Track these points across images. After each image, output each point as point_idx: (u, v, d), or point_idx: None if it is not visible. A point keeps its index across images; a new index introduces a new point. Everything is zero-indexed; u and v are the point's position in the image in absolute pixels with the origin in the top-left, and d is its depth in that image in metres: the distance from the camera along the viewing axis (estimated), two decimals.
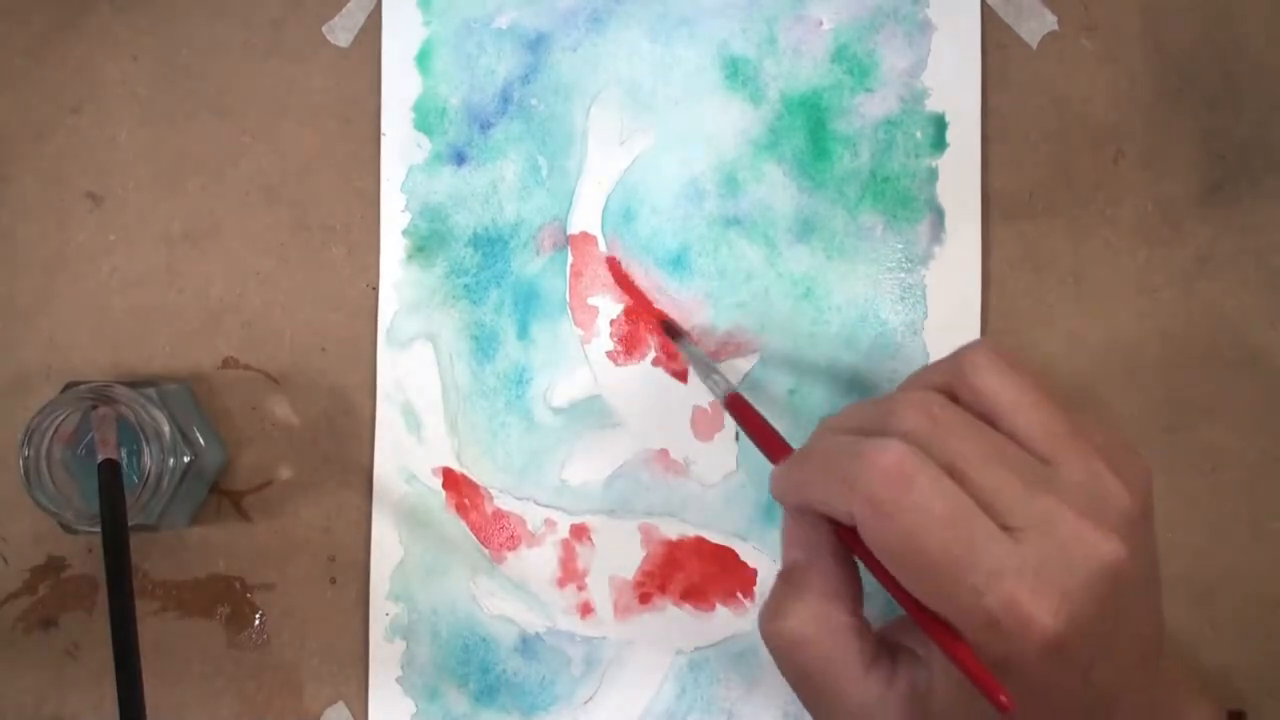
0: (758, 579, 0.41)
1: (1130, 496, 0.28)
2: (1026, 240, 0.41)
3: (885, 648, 0.31)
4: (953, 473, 0.28)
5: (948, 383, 0.30)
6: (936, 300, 0.41)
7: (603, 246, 0.41)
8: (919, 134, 0.41)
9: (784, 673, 0.31)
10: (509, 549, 0.41)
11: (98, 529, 0.34)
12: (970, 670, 0.27)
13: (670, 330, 0.41)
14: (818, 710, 0.31)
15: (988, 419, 0.29)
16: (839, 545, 0.31)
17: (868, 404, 0.31)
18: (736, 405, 0.36)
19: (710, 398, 0.41)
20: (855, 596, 0.31)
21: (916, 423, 0.29)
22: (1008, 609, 0.26)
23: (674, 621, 0.41)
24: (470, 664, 0.41)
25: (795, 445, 0.40)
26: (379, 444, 0.42)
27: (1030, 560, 0.26)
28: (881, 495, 0.27)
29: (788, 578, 0.31)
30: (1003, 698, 0.26)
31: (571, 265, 0.41)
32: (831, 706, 0.30)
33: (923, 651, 0.30)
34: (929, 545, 0.27)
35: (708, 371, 0.38)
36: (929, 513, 0.27)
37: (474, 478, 0.41)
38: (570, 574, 0.41)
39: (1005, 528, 0.27)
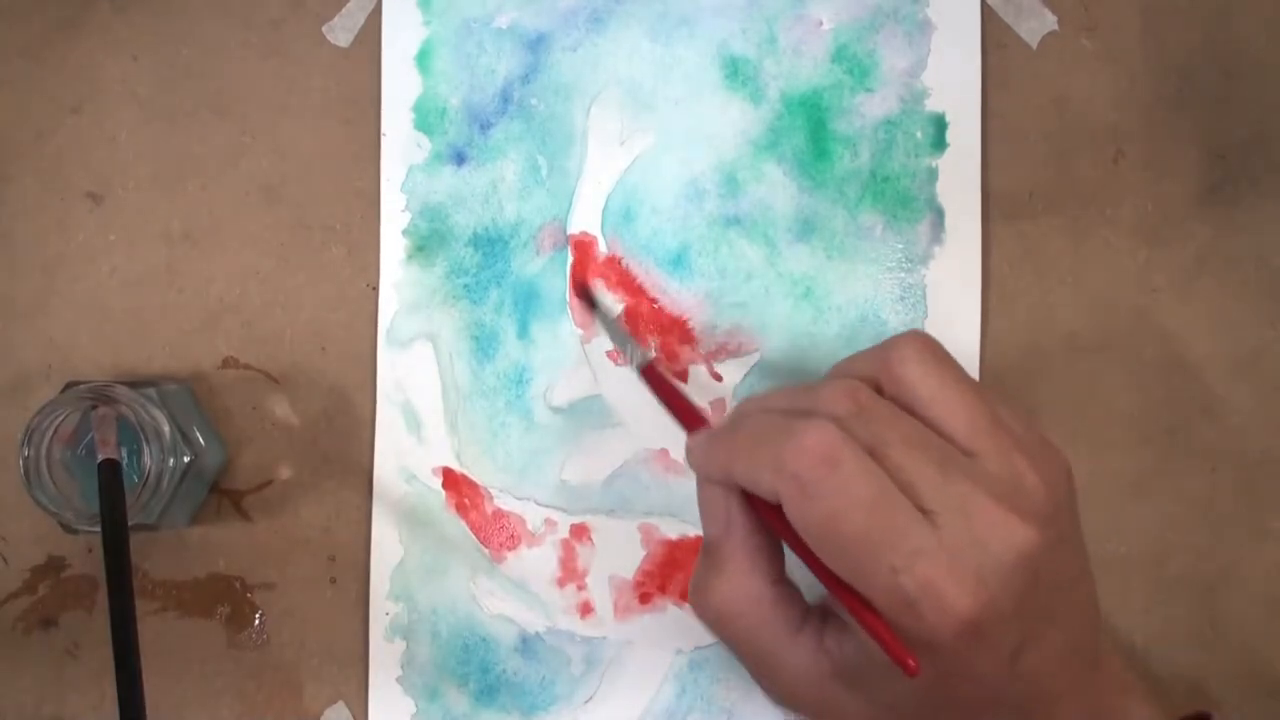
0: None
1: (1046, 489, 0.29)
2: (1026, 240, 0.41)
3: (815, 611, 0.31)
4: (874, 456, 0.28)
5: (874, 370, 0.31)
6: (936, 300, 0.41)
7: (603, 246, 0.41)
8: (919, 134, 0.41)
9: (720, 640, 0.32)
10: (509, 549, 0.41)
11: (98, 529, 0.34)
12: (880, 636, 0.28)
13: (586, 297, 0.40)
14: (759, 674, 0.32)
15: (910, 409, 0.30)
16: (756, 518, 0.31)
17: (794, 388, 0.32)
18: (651, 375, 0.35)
19: (710, 397, 0.41)
20: (776, 564, 0.31)
21: (843, 406, 0.29)
22: (924, 589, 0.27)
23: (674, 621, 0.41)
24: (470, 664, 0.41)
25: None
26: (379, 444, 0.42)
27: (947, 543, 0.27)
28: (808, 475, 0.28)
29: (708, 552, 0.32)
30: (910, 661, 0.27)
31: (571, 265, 0.41)
32: (769, 670, 0.31)
33: (850, 619, 0.30)
34: (851, 526, 0.28)
35: (624, 341, 0.37)
36: (852, 494, 0.28)
37: (474, 477, 0.41)
38: (570, 574, 0.41)
39: (923, 511, 0.28)
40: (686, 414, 0.34)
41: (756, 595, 0.31)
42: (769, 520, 0.31)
